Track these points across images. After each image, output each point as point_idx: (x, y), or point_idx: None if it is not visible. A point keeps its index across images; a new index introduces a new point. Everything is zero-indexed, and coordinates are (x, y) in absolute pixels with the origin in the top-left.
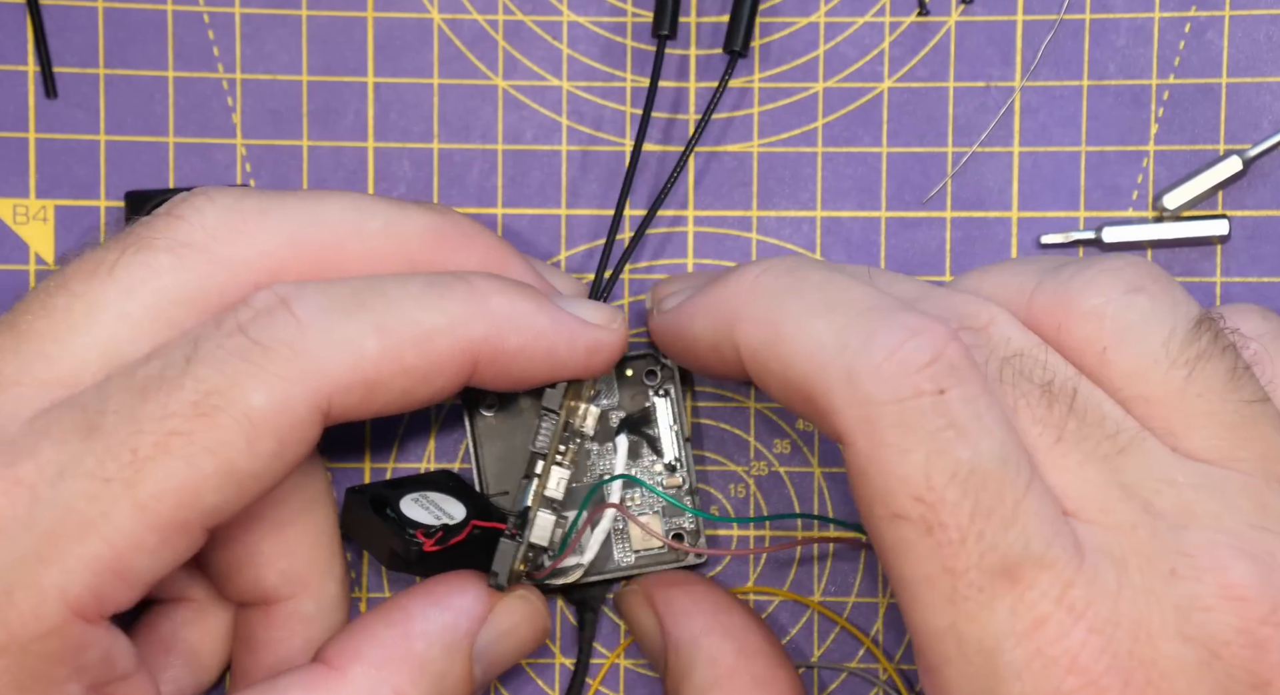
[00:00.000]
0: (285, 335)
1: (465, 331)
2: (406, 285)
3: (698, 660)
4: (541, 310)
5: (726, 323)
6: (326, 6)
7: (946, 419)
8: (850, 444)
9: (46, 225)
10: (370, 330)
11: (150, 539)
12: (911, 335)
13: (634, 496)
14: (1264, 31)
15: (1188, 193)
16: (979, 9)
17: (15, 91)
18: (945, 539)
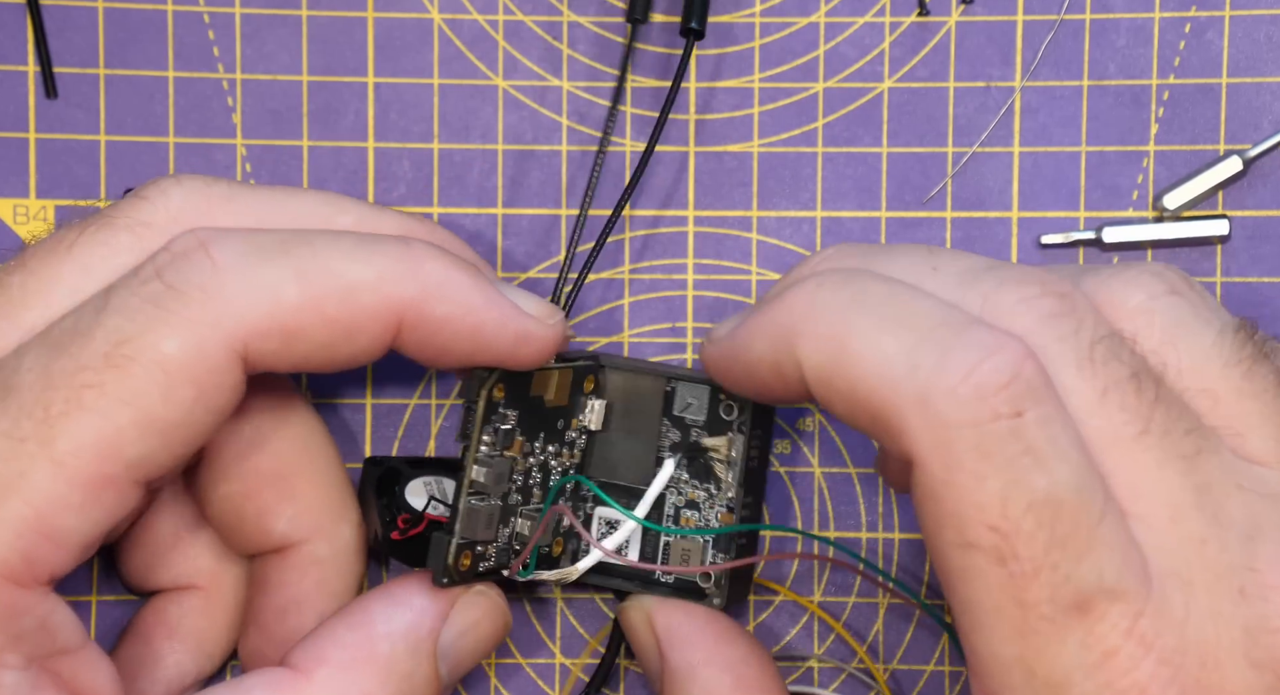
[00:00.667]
0: (200, 279)
1: (392, 290)
2: (338, 239)
3: (693, 689)
4: (476, 287)
5: (787, 341)
6: (326, 6)
7: (1024, 444)
8: (923, 467)
9: (46, 225)
10: (290, 276)
11: (74, 496)
12: (988, 354)
13: (691, 516)
14: (1264, 31)
15: (1188, 193)
16: (979, 9)
17: (15, 91)
18: (1018, 570)
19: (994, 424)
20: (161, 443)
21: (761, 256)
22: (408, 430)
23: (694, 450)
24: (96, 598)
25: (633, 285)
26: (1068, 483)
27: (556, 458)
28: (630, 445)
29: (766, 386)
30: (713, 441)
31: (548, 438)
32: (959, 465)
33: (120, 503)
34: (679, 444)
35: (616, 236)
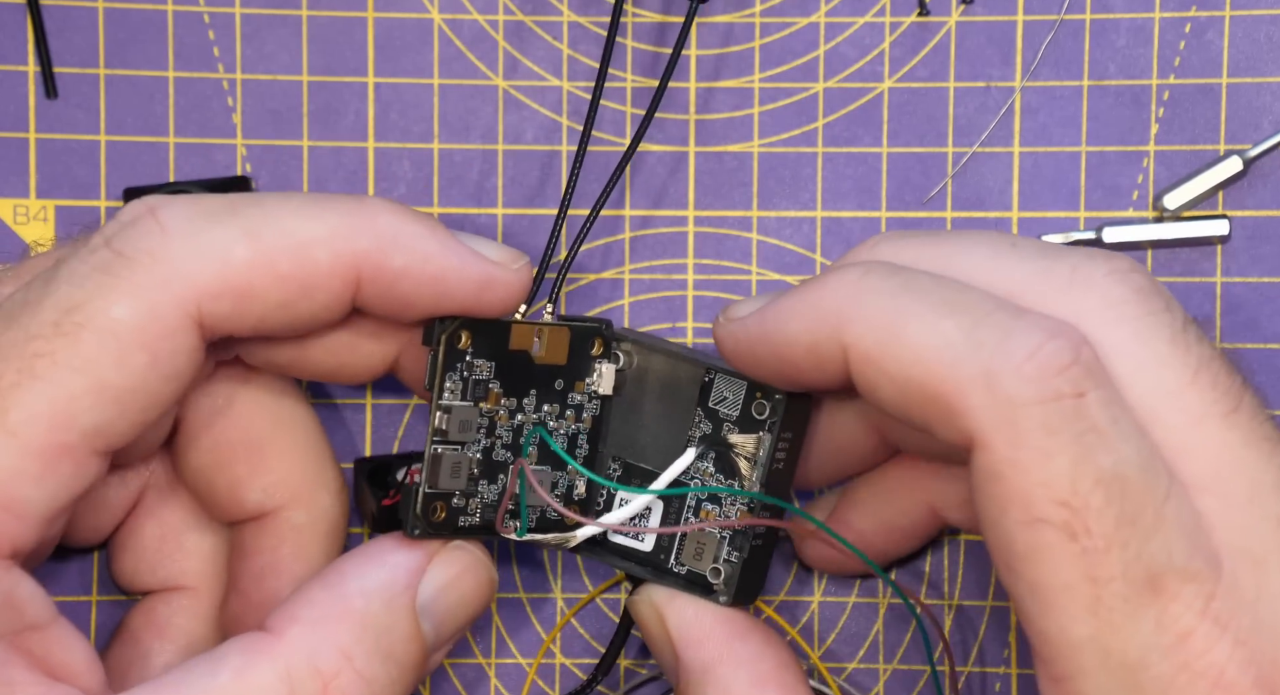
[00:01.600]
0: (148, 244)
1: (346, 244)
2: (287, 198)
3: (709, 689)
4: (432, 235)
5: (830, 323)
6: (326, 6)
7: (1088, 422)
8: (985, 446)
9: (46, 225)
10: (239, 235)
11: (31, 466)
12: (1049, 337)
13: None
14: (1264, 31)
15: (1188, 193)
16: (979, 9)
17: (15, 91)
18: (1090, 545)
19: (1059, 402)
20: (118, 410)
21: (761, 256)
22: (408, 431)
23: (720, 445)
24: (96, 598)
25: (633, 285)
26: (1133, 461)
27: (558, 419)
28: (660, 430)
29: (796, 369)
30: (740, 438)
31: (542, 397)
32: (1025, 442)
33: (79, 473)
34: (708, 437)
35: (617, 236)
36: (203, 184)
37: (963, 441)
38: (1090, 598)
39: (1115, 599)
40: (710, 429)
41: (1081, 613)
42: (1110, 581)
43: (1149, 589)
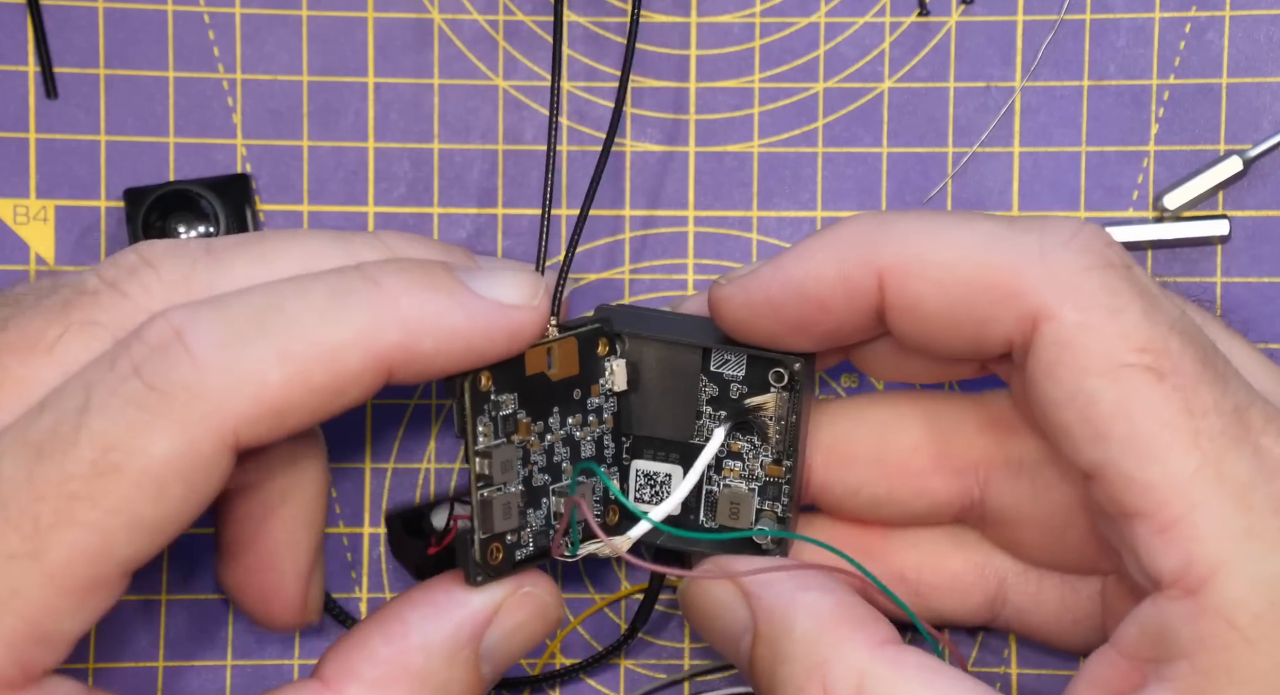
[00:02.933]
0: (182, 376)
1: (375, 342)
2: (307, 296)
3: (797, 615)
4: (455, 303)
5: (861, 248)
6: (326, 6)
7: (1141, 286)
8: (1051, 317)
9: (46, 225)
10: (273, 358)
11: (66, 603)
12: (1080, 225)
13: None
14: (1264, 31)
15: (1188, 193)
16: (979, 9)
17: (15, 91)
18: (1179, 382)
19: (1110, 269)
20: (151, 539)
21: (761, 256)
22: (407, 431)
23: (742, 412)
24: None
25: (633, 285)
26: (1189, 319)
27: (583, 427)
28: (668, 400)
29: (820, 308)
30: (759, 400)
31: (565, 411)
32: (1093, 303)
33: (110, 596)
34: (717, 399)
35: (617, 236)
36: (203, 183)
37: (1021, 327)
38: (1191, 431)
39: (1213, 430)
40: (717, 391)
41: (1186, 446)
42: (1205, 414)
43: (1239, 422)
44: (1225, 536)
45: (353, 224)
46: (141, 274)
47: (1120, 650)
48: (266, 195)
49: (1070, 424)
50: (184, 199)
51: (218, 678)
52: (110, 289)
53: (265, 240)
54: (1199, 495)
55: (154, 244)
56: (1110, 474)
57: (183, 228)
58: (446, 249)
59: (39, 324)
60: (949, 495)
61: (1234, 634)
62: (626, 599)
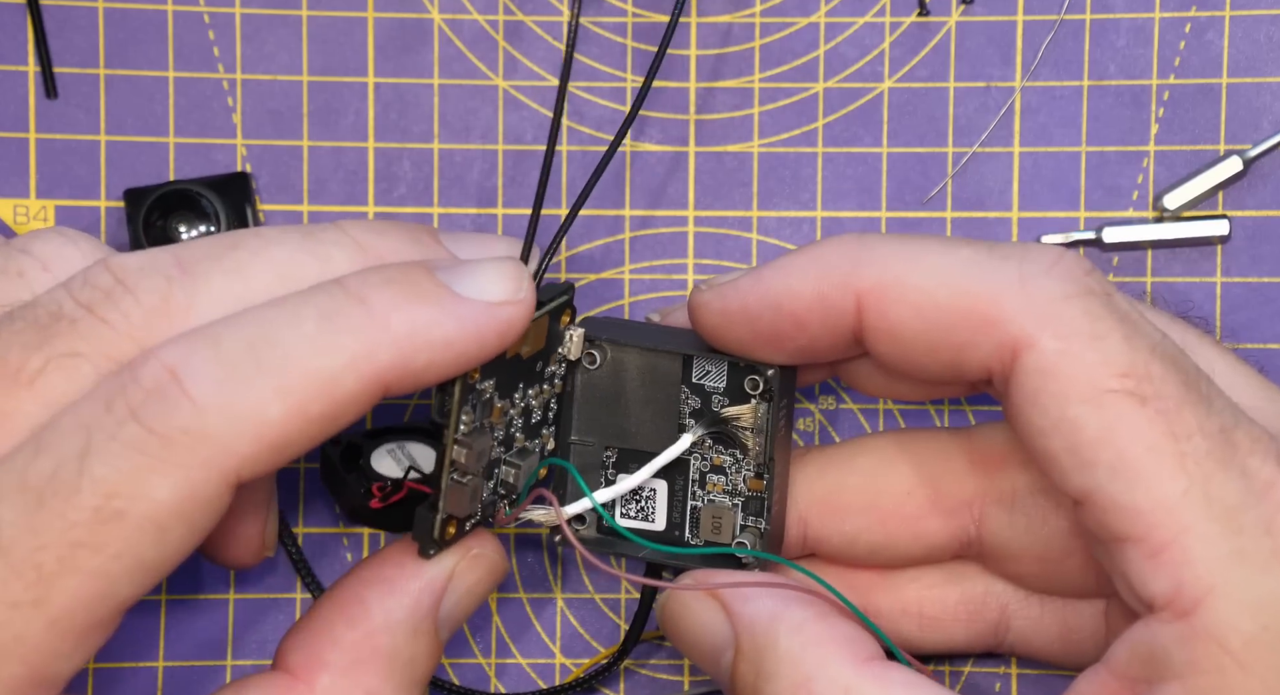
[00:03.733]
0: (182, 420)
1: (370, 365)
2: (299, 324)
3: (780, 631)
4: (444, 313)
5: (841, 270)
6: (326, 6)
7: (1121, 313)
8: (1032, 346)
9: (46, 225)
10: (271, 394)
11: (67, 646)
12: (1061, 251)
13: (717, 480)
14: (1264, 31)
15: (1188, 193)
16: (979, 9)
17: (15, 91)
18: (1163, 406)
19: (1090, 297)
20: (152, 578)
21: (761, 256)
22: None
23: (717, 422)
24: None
25: (633, 285)
26: (1171, 343)
27: (537, 397)
28: (650, 413)
29: (796, 326)
30: (735, 410)
31: (527, 384)
32: (1073, 331)
33: (108, 634)
34: (699, 411)
35: (617, 236)
36: (203, 182)
37: (1000, 355)
38: (1176, 454)
39: (1199, 453)
40: (699, 403)
41: (1173, 469)
42: (1190, 437)
43: (1225, 443)
44: (1215, 559)
45: None
46: (118, 298)
47: (1111, 670)
48: (266, 195)
49: (1056, 452)
50: (184, 198)
51: (218, 678)
52: (88, 315)
53: (236, 249)
54: (1188, 518)
55: (125, 261)
56: (1098, 500)
57: (183, 227)
58: (411, 231)
59: (17, 354)
60: (945, 536)
61: (1226, 657)
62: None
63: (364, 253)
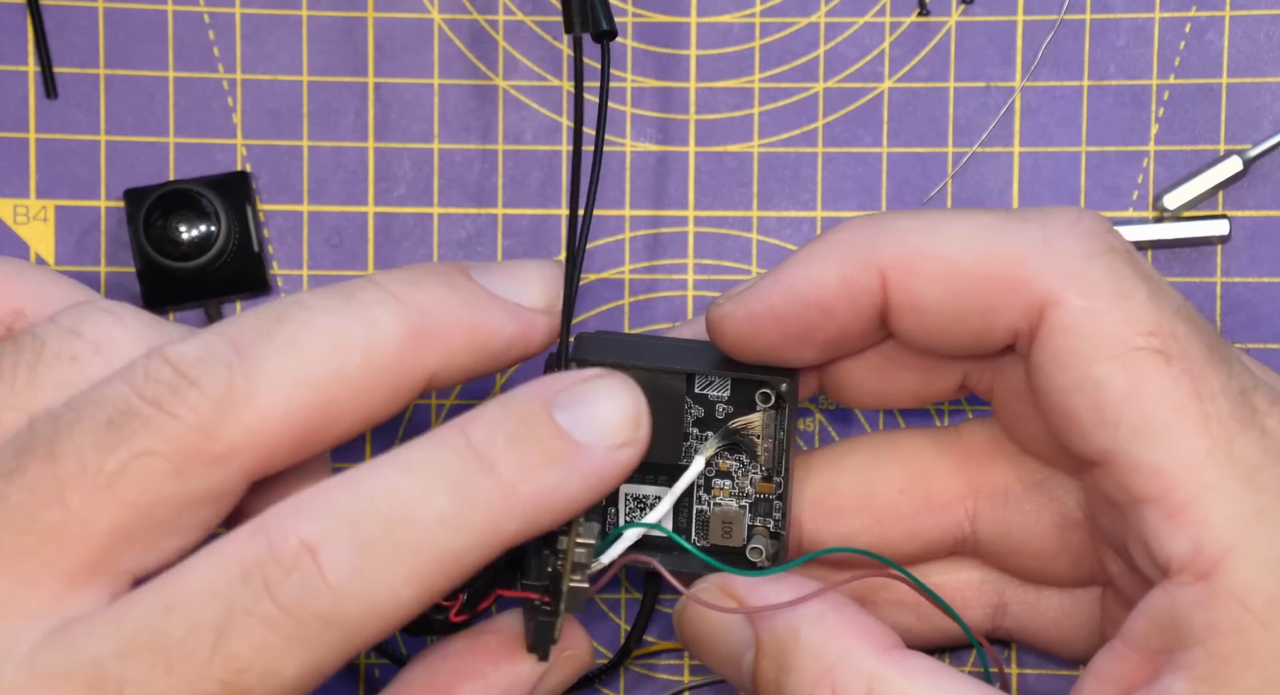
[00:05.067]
0: (320, 606)
1: (497, 538)
2: (432, 500)
3: (801, 625)
4: (570, 473)
5: (861, 249)
6: (326, 6)
7: (1144, 271)
8: (1058, 303)
9: (46, 225)
10: (403, 580)
11: None
12: (1080, 212)
13: (724, 485)
14: (1264, 31)
15: (1188, 193)
16: (979, 9)
17: (15, 91)
18: (1187, 366)
19: (1114, 255)
20: None
21: (761, 256)
22: (407, 433)
23: (728, 434)
24: None
25: (633, 285)
26: (1191, 307)
27: None
28: (655, 424)
29: (827, 314)
30: (744, 420)
31: None
32: (1099, 288)
33: None
34: (704, 420)
35: (617, 236)
36: (203, 181)
37: (1027, 315)
38: (1200, 414)
39: (1221, 413)
40: (703, 412)
41: (1196, 429)
42: (1214, 397)
43: (1245, 405)
44: (1236, 518)
45: (352, 223)
46: (184, 391)
47: (1129, 643)
48: (266, 195)
49: (1079, 410)
50: (184, 198)
51: None
52: (158, 412)
53: (283, 322)
54: (1209, 478)
55: (183, 352)
56: (1120, 459)
57: (183, 227)
58: (445, 275)
59: (94, 455)
60: (940, 533)
61: (1248, 617)
62: (627, 599)
63: (406, 309)
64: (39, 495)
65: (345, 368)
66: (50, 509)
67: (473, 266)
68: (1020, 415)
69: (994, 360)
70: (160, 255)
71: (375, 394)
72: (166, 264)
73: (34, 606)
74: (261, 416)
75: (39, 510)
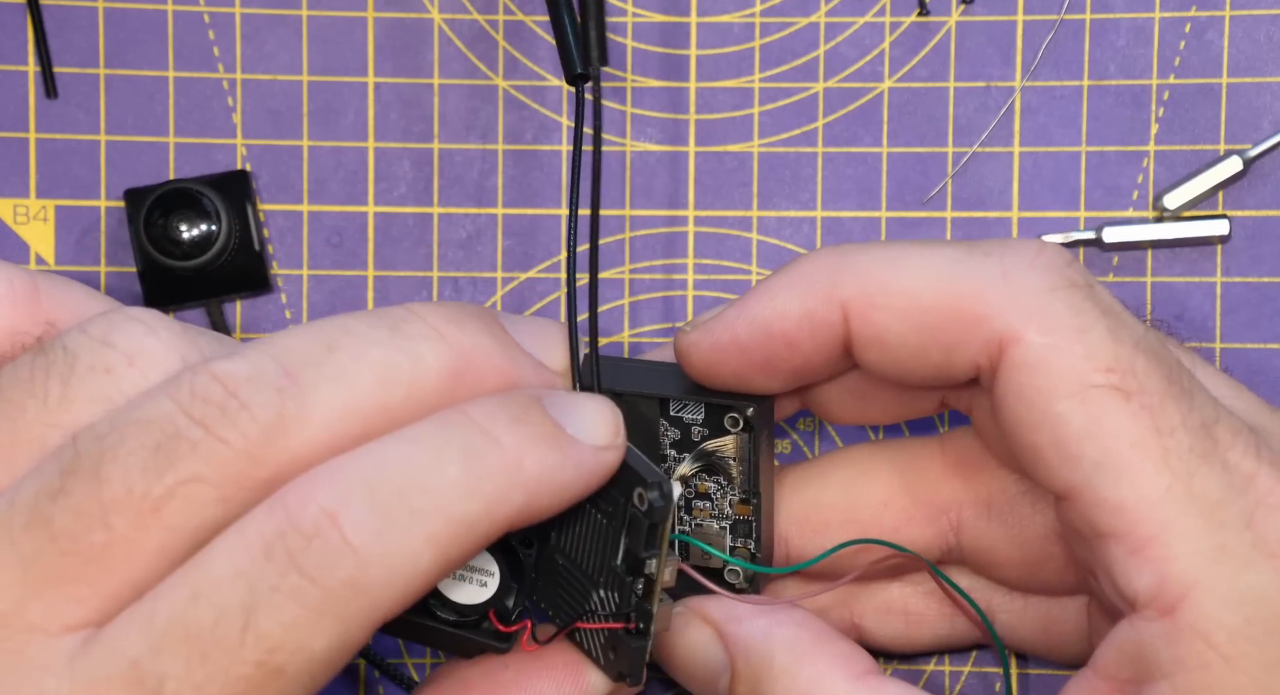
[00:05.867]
0: (345, 572)
1: (504, 509)
2: (444, 467)
3: (774, 650)
4: (565, 458)
5: (824, 284)
6: (326, 6)
7: (1105, 305)
8: (1017, 340)
9: (46, 225)
10: (423, 543)
11: None
12: (1041, 246)
13: (704, 506)
14: (1264, 31)
15: (1188, 193)
16: (979, 9)
17: (15, 91)
18: (1146, 401)
19: (1074, 290)
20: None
21: (761, 256)
22: None
23: (702, 457)
24: None
25: (633, 285)
26: (1150, 337)
27: None
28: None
29: (790, 346)
30: (717, 443)
31: None
32: (1057, 326)
33: None
34: (679, 442)
35: (617, 236)
36: (203, 180)
37: (988, 351)
38: (1160, 450)
39: (1181, 449)
40: (679, 435)
41: (1156, 465)
42: (1173, 432)
43: (1207, 438)
44: (1198, 554)
45: (352, 223)
46: (234, 414)
47: (1099, 673)
48: (267, 195)
49: (1041, 447)
50: (185, 197)
51: None
52: (206, 436)
53: (334, 351)
54: (1170, 514)
55: (233, 371)
56: (1082, 495)
57: (184, 226)
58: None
59: (139, 480)
60: (926, 543)
61: (1212, 653)
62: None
63: (450, 349)
64: (84, 518)
65: (390, 400)
66: (95, 531)
67: (502, 316)
68: (998, 436)
69: (967, 386)
70: (161, 254)
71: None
72: (167, 263)
73: (74, 623)
74: (308, 443)
75: (84, 532)
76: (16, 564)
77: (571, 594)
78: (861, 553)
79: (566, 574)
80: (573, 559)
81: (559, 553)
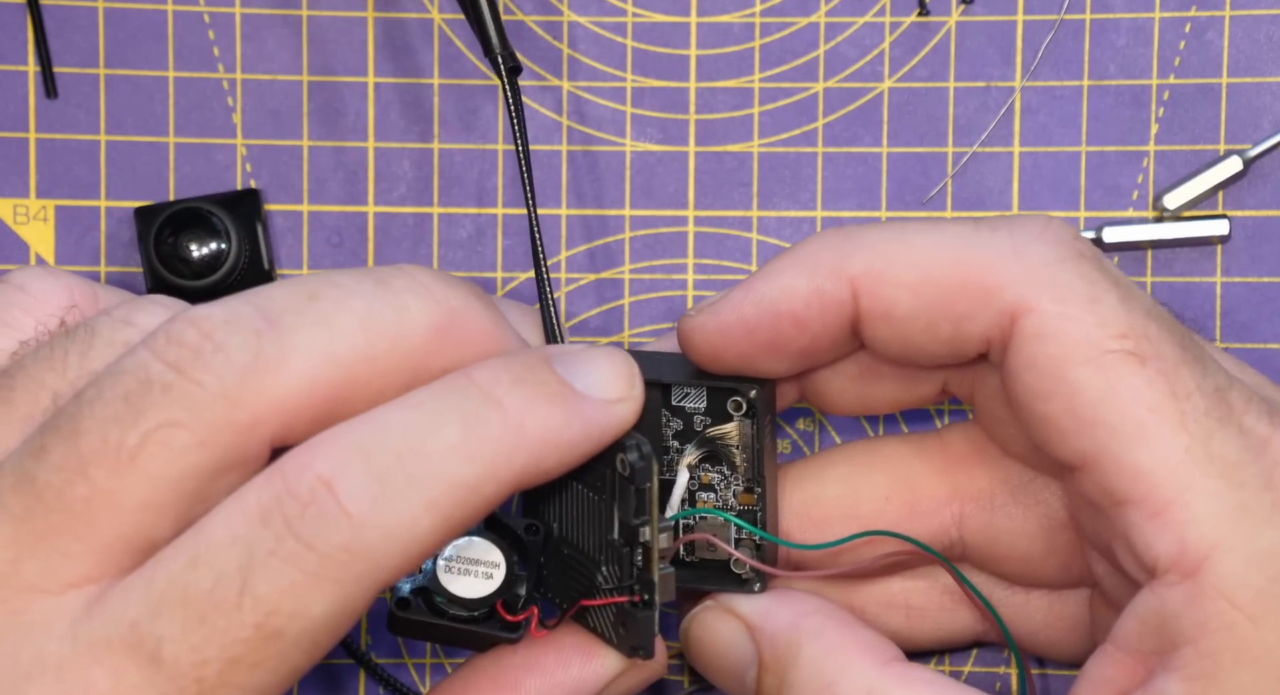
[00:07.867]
0: (341, 537)
1: (508, 471)
2: (442, 430)
3: (802, 641)
4: (572, 414)
5: (831, 262)
6: (326, 6)
7: (1114, 276)
8: (1030, 310)
9: (46, 225)
10: (421, 508)
11: None
12: (1048, 220)
13: (708, 497)
14: (1264, 31)
15: (1188, 193)
16: (979, 9)
17: (15, 91)
18: (1162, 366)
19: (1083, 260)
20: (295, 680)
21: (761, 256)
22: None
23: (704, 443)
24: None
25: (633, 285)
26: (1160, 308)
27: None
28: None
29: (798, 324)
30: (720, 429)
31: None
32: (1070, 294)
33: None
34: (682, 432)
35: (617, 236)
36: (213, 200)
37: (999, 323)
38: (1177, 413)
39: (1198, 412)
40: (681, 425)
41: (1174, 428)
42: (1189, 396)
43: (1221, 402)
44: (1218, 515)
45: (352, 223)
46: (208, 357)
47: (1121, 646)
48: (267, 195)
49: (1056, 415)
50: (195, 216)
51: None
52: (180, 378)
53: (316, 299)
54: (1190, 476)
55: (210, 314)
56: (1100, 462)
57: (194, 245)
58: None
59: (115, 428)
60: (927, 539)
61: (1236, 613)
62: None
63: (437, 305)
64: (64, 472)
65: (373, 350)
66: (76, 485)
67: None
68: (1001, 419)
69: (971, 366)
70: (171, 273)
71: (393, 381)
72: (177, 282)
73: (73, 580)
74: (287, 386)
75: (66, 487)
76: (8, 523)
77: (578, 579)
78: (865, 547)
79: (572, 562)
80: (576, 545)
81: (563, 544)
